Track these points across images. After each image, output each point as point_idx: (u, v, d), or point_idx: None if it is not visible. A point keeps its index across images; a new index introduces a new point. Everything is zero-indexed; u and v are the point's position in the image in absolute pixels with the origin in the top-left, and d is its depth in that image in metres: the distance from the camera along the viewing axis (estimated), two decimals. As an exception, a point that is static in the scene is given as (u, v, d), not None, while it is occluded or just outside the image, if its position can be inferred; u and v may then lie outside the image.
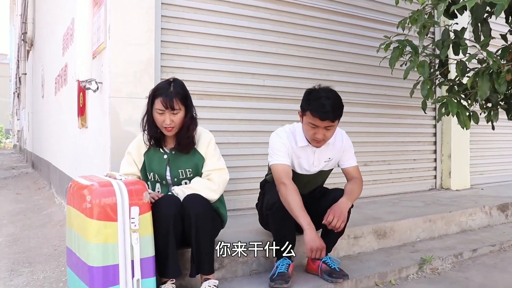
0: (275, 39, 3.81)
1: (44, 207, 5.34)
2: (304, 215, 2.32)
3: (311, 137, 2.43)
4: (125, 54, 2.98)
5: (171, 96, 2.21)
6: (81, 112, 3.86)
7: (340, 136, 2.63)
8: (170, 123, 2.23)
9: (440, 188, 5.04)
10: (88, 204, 1.84)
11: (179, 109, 2.23)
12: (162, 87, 2.28)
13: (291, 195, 2.34)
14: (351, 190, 2.49)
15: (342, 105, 2.42)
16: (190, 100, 2.33)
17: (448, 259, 3.06)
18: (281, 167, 2.46)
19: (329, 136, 2.44)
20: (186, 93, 2.30)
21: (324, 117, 2.32)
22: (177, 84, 2.30)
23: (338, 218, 2.31)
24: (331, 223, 2.31)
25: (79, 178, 2.09)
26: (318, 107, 2.32)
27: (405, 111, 4.73)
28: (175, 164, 2.34)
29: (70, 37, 4.47)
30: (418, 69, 2.65)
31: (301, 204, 2.35)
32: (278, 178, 2.44)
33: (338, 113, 2.37)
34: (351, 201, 2.44)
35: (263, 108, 3.75)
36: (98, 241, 1.83)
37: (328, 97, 2.35)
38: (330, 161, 2.60)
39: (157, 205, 2.07)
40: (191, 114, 2.31)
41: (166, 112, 2.22)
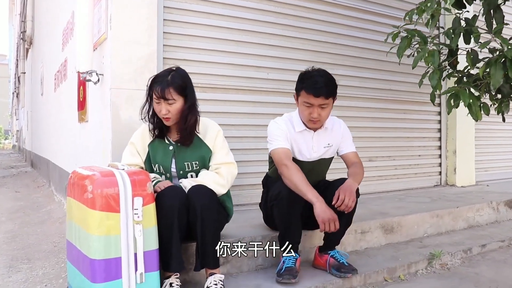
0: (279, 31, 3.74)
1: (43, 204, 5.27)
2: (310, 189, 2.29)
3: (307, 118, 2.42)
4: (127, 45, 2.90)
5: (165, 86, 2.14)
6: (81, 106, 3.78)
7: (338, 123, 2.64)
8: (166, 113, 2.17)
9: (445, 185, 4.97)
10: (89, 194, 1.77)
11: (173, 99, 2.15)
12: (160, 76, 2.21)
13: (294, 174, 2.32)
14: (354, 173, 2.47)
15: (335, 84, 2.44)
16: (191, 90, 2.25)
17: (457, 254, 3.00)
18: (280, 150, 2.44)
19: (325, 116, 2.42)
20: (184, 83, 2.21)
21: (318, 93, 2.32)
22: (177, 73, 2.22)
23: (349, 197, 2.24)
24: (344, 202, 2.23)
25: (80, 168, 2.02)
26: (311, 84, 2.35)
27: (410, 106, 4.67)
28: (181, 156, 2.27)
29: (70, 31, 4.40)
30: (427, 59, 2.58)
31: (306, 180, 2.32)
32: (279, 161, 2.42)
33: (331, 90, 2.37)
34: (356, 182, 2.39)
35: (267, 101, 3.69)
36: (100, 233, 1.76)
37: (321, 75, 2.39)
38: (329, 147, 2.57)
39: (161, 196, 1.99)
40: (189, 104, 2.21)
41: (162, 102, 2.16)
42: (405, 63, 4.51)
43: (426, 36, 2.71)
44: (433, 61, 2.55)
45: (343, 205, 2.24)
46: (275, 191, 2.38)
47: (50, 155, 6.64)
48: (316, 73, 2.40)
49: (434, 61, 2.54)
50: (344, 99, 4.10)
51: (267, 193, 2.60)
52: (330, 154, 2.62)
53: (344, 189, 2.28)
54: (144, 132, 2.32)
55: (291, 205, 2.31)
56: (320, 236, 2.73)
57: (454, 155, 4.91)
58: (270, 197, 2.44)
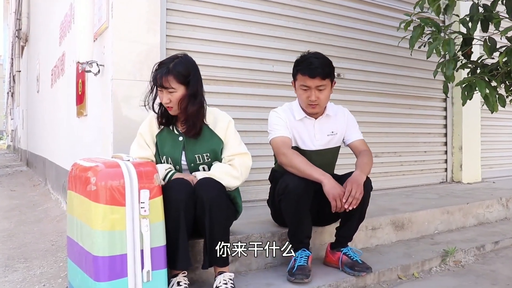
0: (285, 23, 3.64)
1: (39, 203, 5.14)
2: (315, 169, 2.21)
3: (305, 102, 2.35)
4: (129, 34, 2.78)
5: (164, 74, 2.02)
6: (80, 100, 3.66)
7: (342, 110, 2.56)
8: (168, 101, 2.06)
9: (451, 181, 4.88)
10: (93, 187, 1.65)
11: (172, 88, 2.04)
12: (163, 63, 2.10)
13: (294, 158, 2.26)
14: (362, 163, 2.35)
15: (332, 66, 2.36)
16: (195, 79, 2.11)
17: (471, 251, 2.91)
18: (278, 139, 2.36)
19: (324, 99, 2.34)
20: (187, 72, 2.07)
21: (313, 74, 2.26)
22: (181, 61, 2.09)
23: (356, 189, 2.13)
24: (350, 193, 2.12)
25: (81, 160, 1.90)
26: (306, 65, 2.30)
27: (415, 101, 4.58)
28: (190, 148, 2.14)
29: (68, 24, 4.28)
30: (443, 48, 2.47)
31: (308, 162, 2.24)
32: (277, 151, 2.36)
33: (327, 70, 2.31)
34: (364, 173, 2.28)
35: (272, 95, 3.58)
36: (104, 228, 1.64)
37: (317, 57, 2.33)
38: (333, 135, 2.48)
39: (167, 189, 1.88)
40: (191, 93, 2.08)
41: (164, 90, 2.05)
42: (411, 57, 4.46)
43: (439, 24, 2.59)
44: (449, 50, 2.44)
45: (350, 196, 2.12)
46: (282, 185, 2.27)
47: (46, 153, 6.50)
48: (312, 55, 2.34)
49: (450, 49, 2.43)
50: (349, 93, 4.01)
51: (274, 188, 2.49)
52: (335, 143, 2.52)
53: (351, 181, 2.17)
54: (152, 121, 2.20)
55: (299, 198, 2.20)
56: (331, 232, 2.63)
57: (460, 151, 4.82)
58: (277, 191, 2.33)
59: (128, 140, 2.33)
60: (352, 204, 2.13)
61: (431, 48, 2.54)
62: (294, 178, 2.22)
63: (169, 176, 2.04)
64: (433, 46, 2.52)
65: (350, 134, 2.52)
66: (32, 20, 8.92)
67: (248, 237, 2.36)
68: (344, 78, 3.96)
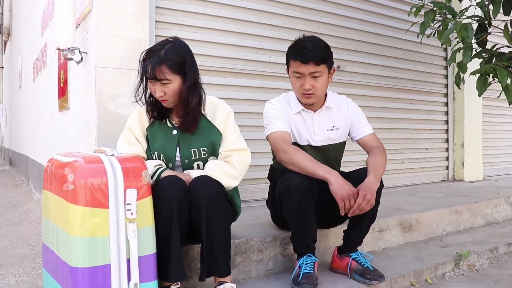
0: (282, 11, 3.41)
1: (20, 203, 4.85)
2: (319, 165, 1.98)
3: (299, 92, 2.12)
4: (114, 19, 2.53)
5: (157, 63, 1.76)
6: (62, 93, 3.39)
7: (345, 102, 2.30)
8: (162, 94, 1.81)
9: (452, 180, 4.70)
10: (70, 186, 1.40)
11: (167, 79, 1.78)
12: (154, 50, 1.82)
13: (295, 155, 2.01)
14: (375, 165, 2.08)
15: (329, 50, 2.11)
16: (191, 66, 1.86)
17: (484, 254, 2.73)
18: (276, 134, 2.11)
19: (320, 88, 2.08)
20: (182, 59, 1.82)
21: (306, 59, 2.02)
22: (172, 47, 1.82)
23: (368, 200, 1.88)
24: (360, 205, 1.88)
25: (58, 155, 1.65)
26: (298, 49, 2.06)
27: (416, 96, 4.38)
28: (186, 141, 1.89)
29: (50, 12, 4.00)
30: (459, 33, 2.25)
31: (311, 158, 2.00)
32: (275, 148, 2.11)
33: (322, 55, 2.04)
34: (378, 178, 2.02)
35: (269, 87, 3.34)
36: (84, 234, 1.39)
37: (310, 40, 2.08)
38: (335, 130, 2.22)
39: (157, 188, 1.63)
40: (190, 84, 1.83)
41: (156, 82, 1.80)
42: (413, 50, 4.28)
43: (454, 9, 2.38)
44: (466, 36, 2.22)
45: (359, 210, 1.89)
46: (283, 184, 2.03)
47: (28, 151, 6.20)
48: (305, 39, 2.10)
49: (468, 35, 2.21)
50: (348, 86, 3.80)
51: (273, 188, 2.25)
52: (338, 138, 2.26)
53: (364, 189, 1.91)
54: (142, 114, 1.94)
55: (303, 198, 1.97)
56: (337, 234, 2.42)
57: (462, 148, 4.64)
58: (278, 191, 2.08)
59: (114, 134, 2.09)
60: (355, 213, 1.91)
61: (446, 33, 2.33)
62: (296, 176, 1.99)
63: (158, 173, 1.79)
64: (449, 31, 2.30)
65: (358, 128, 2.27)
66: (15, 14, 8.58)
67: (247, 242, 2.14)
68: (343, 71, 3.74)
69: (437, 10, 2.40)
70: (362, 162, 3.70)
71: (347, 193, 1.88)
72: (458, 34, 2.26)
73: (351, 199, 1.88)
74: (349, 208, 1.89)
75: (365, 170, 2.07)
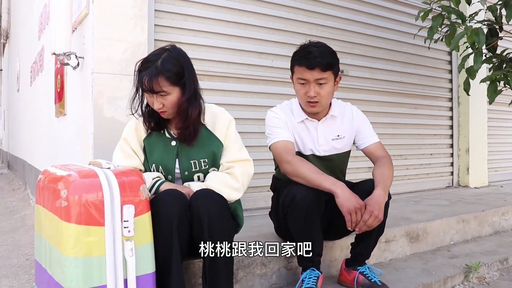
0: (285, 14, 3.33)
1: (17, 209, 4.76)
2: (325, 177, 1.88)
3: (304, 99, 2.03)
4: (112, 23, 2.45)
5: (153, 75, 1.65)
6: (58, 98, 3.31)
7: (350, 109, 2.21)
8: (160, 106, 1.71)
9: (457, 186, 4.62)
10: (63, 202, 1.32)
11: (164, 92, 1.68)
12: (150, 60, 1.71)
13: (300, 166, 1.91)
14: (383, 176, 1.97)
15: (335, 56, 2.03)
16: (190, 76, 1.76)
17: (494, 265, 2.64)
18: (280, 144, 2.02)
19: (325, 95, 1.99)
20: (180, 69, 1.72)
21: (312, 65, 1.94)
22: (169, 56, 1.71)
23: (375, 216, 1.79)
24: (367, 221, 1.79)
25: (53, 167, 1.56)
26: (304, 55, 1.98)
27: (421, 101, 4.31)
28: (186, 152, 1.80)
29: (47, 15, 3.91)
30: (470, 38, 2.17)
31: (316, 169, 1.91)
32: (279, 159, 2.01)
33: (329, 61, 1.96)
34: (386, 191, 1.92)
35: (271, 92, 3.26)
36: (78, 253, 1.30)
37: (317, 46, 2.00)
38: (340, 139, 2.14)
39: (156, 203, 1.54)
40: (189, 95, 1.73)
41: (153, 94, 1.69)
42: (417, 54, 4.21)
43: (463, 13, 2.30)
44: (478, 41, 2.14)
45: (366, 226, 1.80)
46: (288, 196, 1.94)
47: (26, 156, 6.11)
48: (312, 44, 2.01)
49: (480, 40, 2.13)
50: (352, 91, 3.71)
51: (277, 199, 2.16)
52: (343, 148, 2.17)
53: (372, 204, 1.82)
54: (139, 123, 1.84)
55: (309, 211, 1.88)
56: (342, 246, 2.33)
57: (467, 154, 4.56)
58: (283, 203, 2.00)
59: (111, 143, 2.00)
60: (363, 229, 1.82)
61: (456, 39, 2.24)
62: (302, 187, 1.90)
63: (156, 186, 1.71)
64: (459, 36, 2.22)
65: (363, 137, 2.18)
66: (13, 16, 8.50)
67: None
68: (347, 75, 3.66)
69: (445, 14, 2.31)
70: (364, 168, 3.66)
71: (354, 206, 1.79)
72: (468, 39, 2.17)
73: (358, 213, 1.80)
74: (356, 221, 1.80)
75: (372, 182, 1.97)
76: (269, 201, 2.82)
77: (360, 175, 3.61)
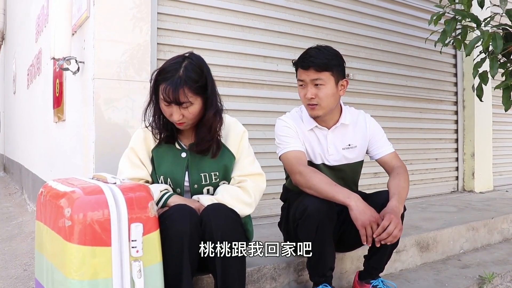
0: (290, 17, 3.25)
1: (14, 215, 4.65)
2: (339, 189, 1.80)
3: (304, 102, 1.98)
4: (113, 27, 2.36)
5: (177, 85, 1.55)
6: (57, 103, 3.22)
7: (363, 118, 2.12)
8: (180, 118, 1.61)
9: (462, 190, 4.55)
10: (67, 221, 1.23)
11: (189, 102, 1.59)
12: (169, 70, 1.60)
13: (312, 178, 1.83)
14: (398, 188, 1.89)
15: (337, 57, 1.95)
16: (212, 85, 1.67)
17: (507, 276, 2.57)
18: (291, 155, 1.94)
19: (324, 98, 1.91)
20: (203, 78, 1.62)
21: (306, 64, 1.89)
22: (192, 65, 1.61)
23: (395, 224, 1.69)
24: (387, 229, 1.69)
25: (54, 182, 1.47)
26: (302, 56, 1.95)
27: (426, 105, 4.24)
28: (196, 165, 1.71)
29: (45, 17, 3.82)
30: (485, 43, 2.09)
31: (329, 180, 1.83)
32: (290, 170, 1.93)
33: (324, 61, 1.88)
34: (401, 202, 1.84)
35: (276, 97, 3.18)
36: (83, 276, 1.22)
37: (318, 48, 1.95)
38: (351, 148, 2.05)
39: (165, 219, 1.46)
40: (215, 109, 1.64)
41: (173, 105, 1.59)
42: (423, 57, 4.14)
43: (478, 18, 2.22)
44: (495, 46, 2.06)
45: (386, 233, 1.68)
46: (299, 208, 1.86)
47: (22, 160, 6.00)
48: (314, 47, 1.96)
49: (497, 45, 2.06)
50: (357, 95, 3.64)
51: (288, 210, 2.09)
52: (355, 158, 2.09)
53: (389, 214, 1.73)
54: (147, 133, 1.75)
55: (321, 224, 1.79)
56: (353, 258, 2.26)
57: (472, 158, 4.49)
58: (293, 215, 1.92)
59: (113, 151, 1.93)
60: (387, 240, 1.71)
61: (472, 43, 2.17)
62: (314, 199, 1.82)
63: (164, 199, 1.62)
64: (475, 41, 2.14)
65: (378, 147, 2.09)
66: (9, 17, 8.38)
67: (260, 269, 1.97)
68: (353, 79, 3.58)
69: (459, 18, 2.23)
70: (370, 174, 3.59)
71: (369, 219, 1.71)
72: (484, 44, 2.10)
73: (373, 226, 1.71)
74: (371, 235, 1.72)
75: (387, 194, 1.89)
76: (274, 209, 2.73)
77: (366, 180, 3.56)
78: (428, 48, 3.93)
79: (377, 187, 3.63)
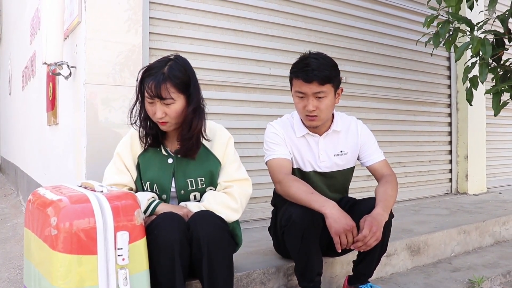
0: (283, 21, 3.26)
1: (9, 217, 4.64)
2: (315, 196, 1.80)
3: (302, 113, 1.96)
4: (106, 31, 2.37)
5: (161, 80, 1.61)
6: (50, 106, 3.22)
7: (355, 124, 2.13)
8: (162, 116, 1.64)
9: (456, 193, 4.57)
10: (53, 230, 1.24)
11: (171, 98, 1.63)
12: (154, 67, 1.66)
13: (290, 186, 1.84)
14: (385, 196, 1.90)
15: (336, 68, 1.95)
16: (196, 86, 1.72)
17: (497, 279, 2.58)
18: (275, 162, 1.96)
19: (324, 109, 1.91)
20: (187, 77, 1.68)
21: (309, 78, 1.86)
22: (177, 64, 1.67)
23: (372, 234, 1.70)
24: (364, 240, 1.70)
25: (43, 189, 1.49)
26: (301, 67, 1.90)
27: (420, 107, 4.26)
28: (182, 171, 1.73)
29: (39, 19, 3.82)
30: (474, 49, 2.11)
31: (307, 188, 1.84)
32: (272, 178, 1.96)
33: (327, 74, 1.88)
34: (386, 210, 1.84)
35: (269, 101, 3.20)
36: (69, 285, 1.23)
37: (316, 58, 1.92)
38: (342, 155, 2.07)
39: (153, 228, 1.47)
40: (195, 106, 1.68)
41: (157, 102, 1.63)
42: (416, 60, 4.16)
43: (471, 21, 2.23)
44: (484, 52, 2.08)
45: (361, 241, 1.70)
46: (284, 215, 1.87)
47: (18, 161, 6.00)
48: (312, 56, 1.94)
49: (486, 51, 2.07)
50: (351, 98, 3.66)
51: (276, 215, 2.11)
52: (346, 164, 2.11)
53: (370, 222, 1.73)
54: (134, 139, 1.77)
55: (305, 231, 1.81)
56: (343, 262, 2.27)
57: (466, 160, 4.51)
58: (280, 222, 1.94)
59: (105, 157, 1.93)
60: (361, 248, 1.73)
61: (461, 49, 2.18)
62: (298, 207, 1.82)
63: (152, 207, 1.63)
64: (464, 46, 2.15)
65: (368, 154, 2.10)
66: (4, 17, 8.37)
67: (249, 275, 1.99)
68: (346, 82, 3.60)
69: (452, 21, 2.24)
70: (363, 176, 3.60)
71: (343, 227, 1.70)
72: (473, 49, 2.11)
73: (348, 234, 1.70)
74: (345, 243, 1.71)
75: (374, 201, 1.90)
76: (267, 212, 2.75)
77: (358, 183, 3.57)
78: (421, 50, 3.94)
79: (370, 189, 3.64)
